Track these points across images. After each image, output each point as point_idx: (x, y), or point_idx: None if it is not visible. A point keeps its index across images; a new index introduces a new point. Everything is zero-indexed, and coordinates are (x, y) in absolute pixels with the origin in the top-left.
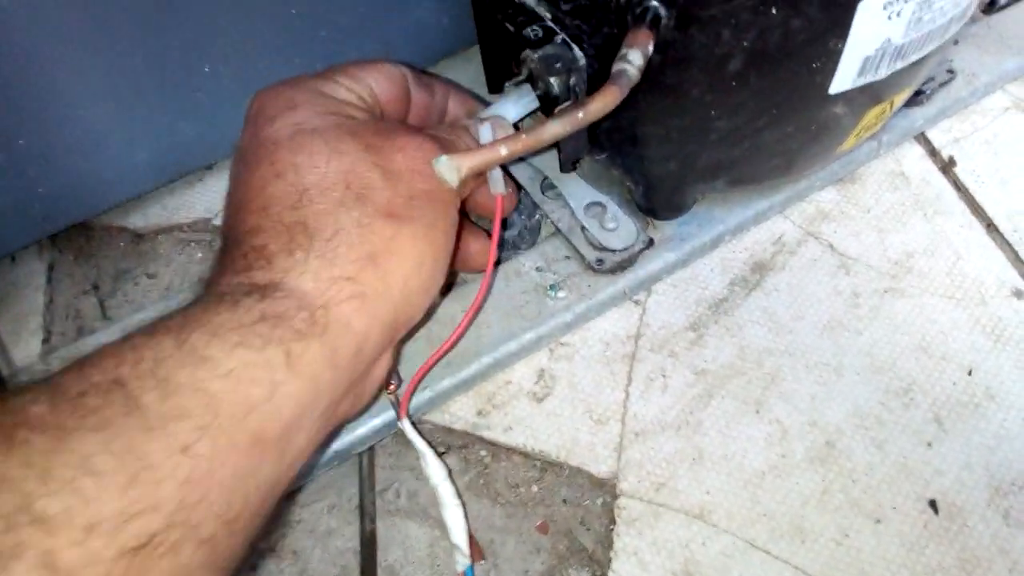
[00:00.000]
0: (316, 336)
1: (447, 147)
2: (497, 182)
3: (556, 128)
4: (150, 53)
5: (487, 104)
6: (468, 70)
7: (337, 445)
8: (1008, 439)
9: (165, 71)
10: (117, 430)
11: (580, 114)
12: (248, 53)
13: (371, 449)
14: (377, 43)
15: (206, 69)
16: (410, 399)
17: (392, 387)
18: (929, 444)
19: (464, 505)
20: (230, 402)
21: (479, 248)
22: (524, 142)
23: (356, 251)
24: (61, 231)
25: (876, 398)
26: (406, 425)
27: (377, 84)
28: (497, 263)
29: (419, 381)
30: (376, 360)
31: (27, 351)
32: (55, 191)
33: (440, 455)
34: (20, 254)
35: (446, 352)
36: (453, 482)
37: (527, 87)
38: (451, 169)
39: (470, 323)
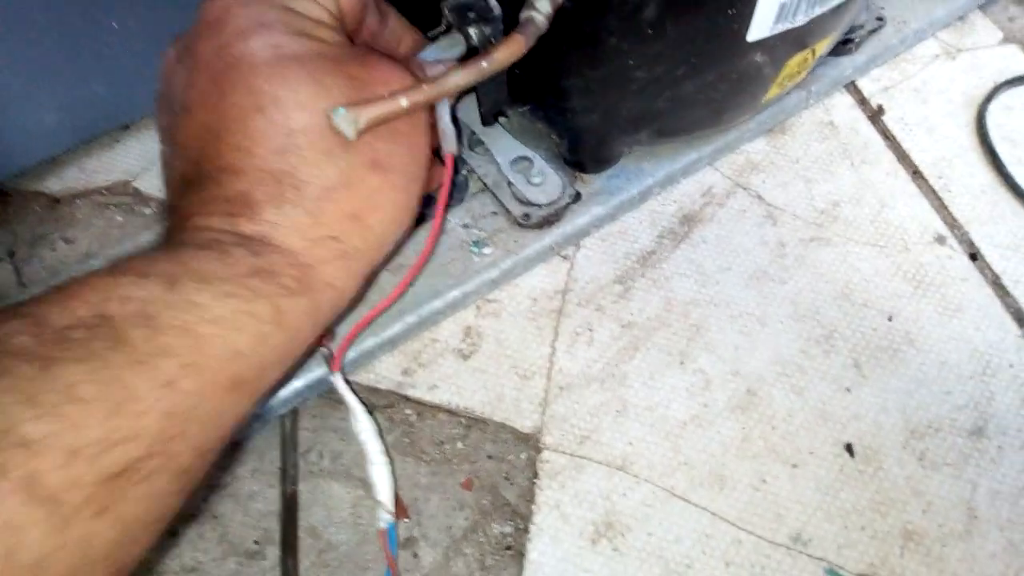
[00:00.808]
0: (302, 294)
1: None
2: (450, 139)
3: (459, 78)
4: (50, 7)
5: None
6: None
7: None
8: (925, 383)
9: (67, 26)
10: (103, 362)
11: (484, 63)
12: (157, 7)
13: (294, 411)
14: None
15: (114, 24)
16: (344, 354)
17: (324, 340)
18: (848, 389)
19: (392, 463)
20: (216, 345)
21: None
22: (426, 93)
23: (342, 207)
24: None
25: (798, 346)
26: (338, 380)
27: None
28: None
29: (354, 337)
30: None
31: None
32: None
33: (369, 412)
34: None
35: (384, 309)
36: (382, 438)
37: (452, 36)
38: (348, 121)
39: (411, 281)
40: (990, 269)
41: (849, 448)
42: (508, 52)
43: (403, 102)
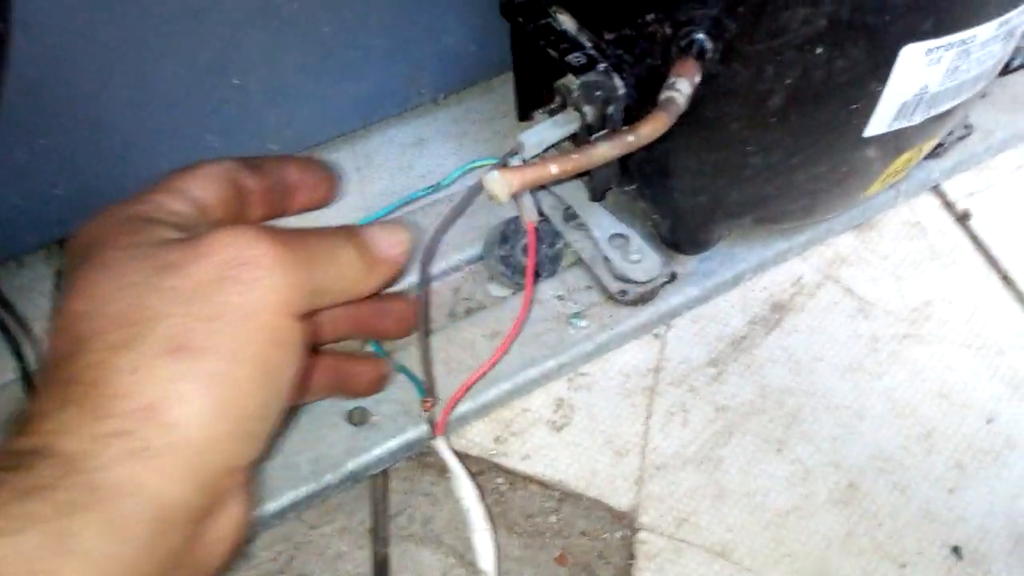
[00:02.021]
0: (91, 507)
1: (280, 237)
2: (529, 209)
3: (606, 150)
4: (179, 63)
5: (329, 168)
6: (491, 100)
7: (351, 466)
8: None
9: (194, 81)
10: None
11: (631, 137)
12: (276, 68)
13: (384, 472)
14: (405, 66)
15: (235, 81)
16: (447, 417)
17: (428, 404)
18: (951, 490)
19: (495, 532)
20: None
21: (368, 369)
22: (575, 161)
23: (131, 401)
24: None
25: (897, 442)
26: (441, 444)
27: (201, 190)
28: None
29: (457, 401)
30: (204, 519)
31: (29, 358)
32: (72, 194)
33: (474, 479)
34: (27, 258)
35: (483, 374)
36: (485, 505)
37: (569, 113)
38: (503, 184)
39: (507, 348)
40: None
41: (956, 551)
42: (652, 128)
43: (553, 168)
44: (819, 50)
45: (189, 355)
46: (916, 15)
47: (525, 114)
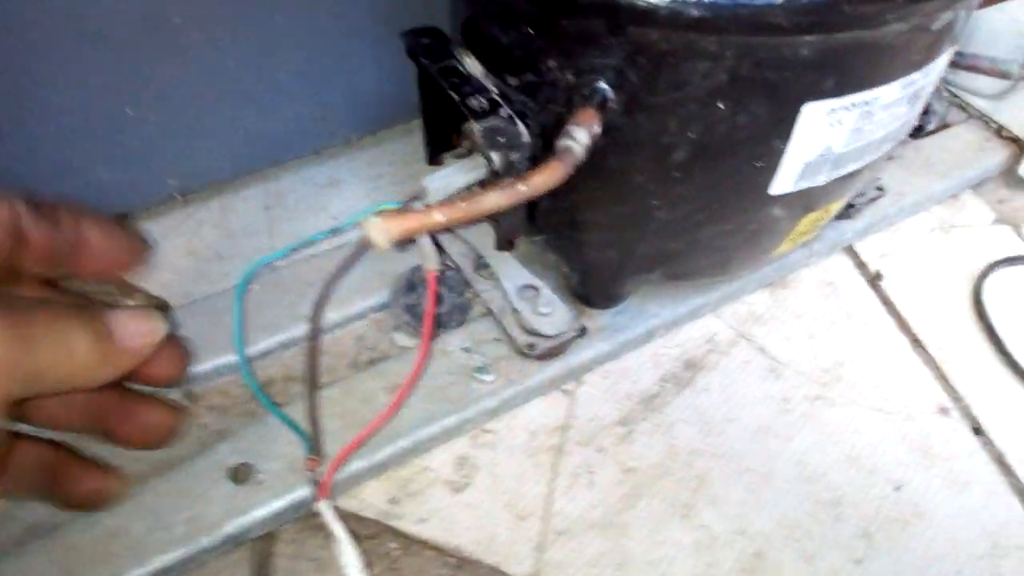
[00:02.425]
0: None
1: (5, 312)
2: (430, 257)
3: (496, 199)
4: (69, 85)
5: (138, 237)
6: (410, 142)
7: (230, 528)
8: (937, 560)
9: (85, 107)
10: None
11: (522, 187)
12: (176, 100)
13: (269, 535)
14: (315, 107)
15: (129, 112)
16: (333, 478)
17: (313, 463)
18: (858, 560)
19: None
20: None
21: (159, 418)
22: (463, 209)
23: None
24: None
25: (805, 508)
26: (325, 508)
27: None
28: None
29: (344, 460)
30: None
31: None
32: None
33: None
34: None
35: (376, 429)
36: (370, 573)
37: (476, 158)
38: (382, 231)
39: (401, 403)
40: (993, 446)
41: None
42: (546, 178)
43: (438, 216)
44: (721, 104)
45: None
46: (817, 73)
47: (434, 158)
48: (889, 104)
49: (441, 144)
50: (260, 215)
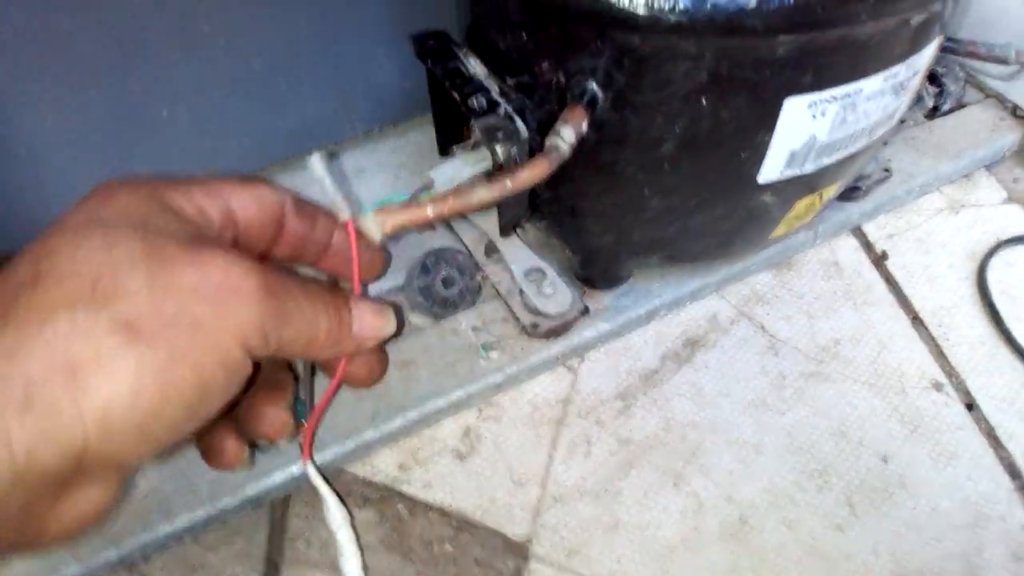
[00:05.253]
0: None
1: (272, 283)
2: (342, 207)
3: (483, 194)
4: (107, 94)
5: (379, 248)
6: (429, 132)
7: (251, 491)
8: (916, 528)
9: (122, 112)
10: None
11: (508, 182)
12: (207, 99)
13: (287, 497)
14: (337, 101)
15: (164, 113)
16: (311, 442)
17: (300, 428)
18: (839, 527)
19: (362, 554)
20: None
21: (274, 417)
22: (451, 204)
23: (52, 354)
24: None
25: (792, 478)
26: (309, 468)
27: (240, 205)
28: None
29: (315, 426)
30: (61, 491)
31: None
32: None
33: (343, 502)
34: None
35: (331, 394)
36: (354, 529)
37: (480, 151)
38: (375, 223)
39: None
40: (985, 420)
41: None
42: (531, 174)
43: (429, 211)
44: (704, 101)
45: (135, 337)
46: (795, 70)
47: (445, 149)
48: (873, 95)
49: (452, 136)
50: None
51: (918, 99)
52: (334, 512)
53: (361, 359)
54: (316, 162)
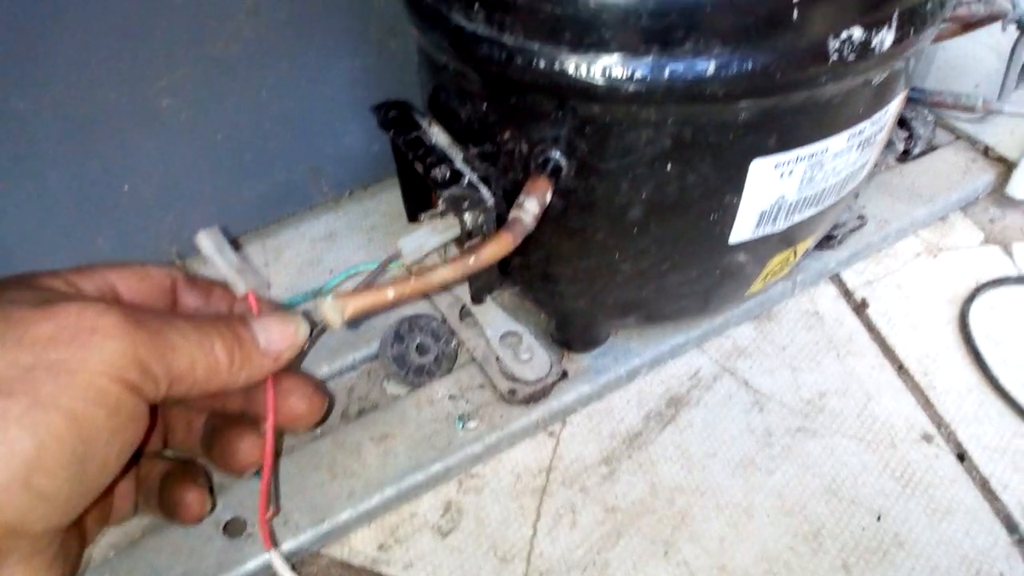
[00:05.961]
0: None
1: (142, 317)
2: (238, 281)
3: (445, 273)
4: (67, 173)
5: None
6: (399, 194)
7: None
8: None
9: (82, 189)
10: None
11: (471, 260)
12: (170, 173)
13: None
14: (305, 167)
15: (125, 188)
16: (270, 528)
17: (270, 514)
18: None
19: None
20: None
21: (248, 446)
22: (412, 285)
23: None
24: None
25: (785, 542)
26: (275, 557)
27: (123, 282)
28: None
29: (265, 509)
30: None
31: None
32: None
33: None
34: None
35: (269, 473)
36: None
37: (449, 219)
38: (335, 309)
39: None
40: (978, 471)
41: None
42: (495, 250)
43: (390, 293)
44: (669, 167)
45: None
46: (759, 134)
47: (413, 216)
48: (840, 152)
49: (420, 203)
50: (261, 272)
51: (888, 144)
52: None
53: (294, 391)
54: (204, 239)
